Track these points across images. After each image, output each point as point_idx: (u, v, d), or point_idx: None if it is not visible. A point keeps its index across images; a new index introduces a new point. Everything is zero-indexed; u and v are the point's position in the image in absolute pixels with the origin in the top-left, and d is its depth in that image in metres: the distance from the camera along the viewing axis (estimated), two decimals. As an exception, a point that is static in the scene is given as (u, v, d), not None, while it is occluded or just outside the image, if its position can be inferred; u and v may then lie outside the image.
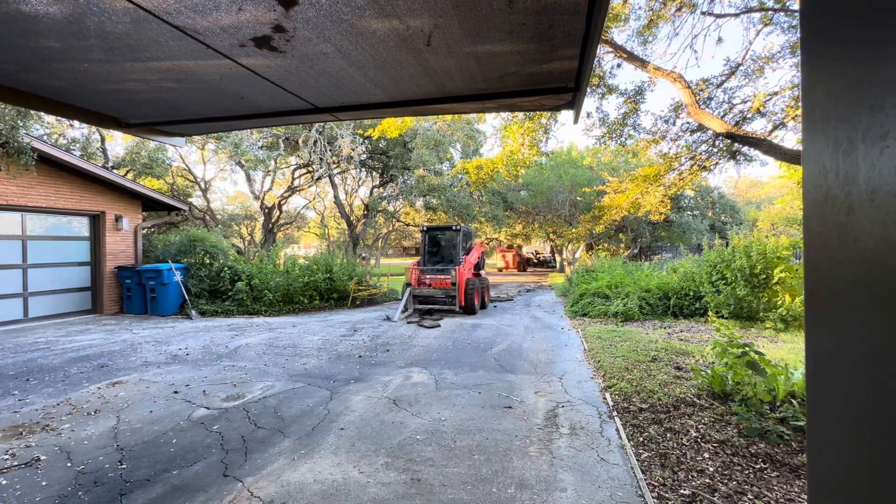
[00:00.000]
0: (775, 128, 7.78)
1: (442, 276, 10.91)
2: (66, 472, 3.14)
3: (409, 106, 2.88)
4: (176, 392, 4.83)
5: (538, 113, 9.41)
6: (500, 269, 31.08)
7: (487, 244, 42.22)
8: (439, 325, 9.16)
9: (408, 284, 10.98)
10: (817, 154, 0.82)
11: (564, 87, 2.52)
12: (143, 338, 7.85)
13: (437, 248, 12.05)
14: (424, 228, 12.16)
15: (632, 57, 8.19)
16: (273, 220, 22.31)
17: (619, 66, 8.91)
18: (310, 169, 20.72)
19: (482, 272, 12.56)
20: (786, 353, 6.21)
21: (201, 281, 11.42)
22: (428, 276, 11.08)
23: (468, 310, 10.70)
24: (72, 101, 2.79)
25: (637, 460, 3.28)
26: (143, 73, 2.36)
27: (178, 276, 10.79)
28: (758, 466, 3.16)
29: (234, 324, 9.43)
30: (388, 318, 9.94)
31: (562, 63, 2.22)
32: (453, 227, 11.62)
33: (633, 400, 4.48)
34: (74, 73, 2.33)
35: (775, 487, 2.89)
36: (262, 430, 3.85)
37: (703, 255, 10.55)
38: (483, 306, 11.79)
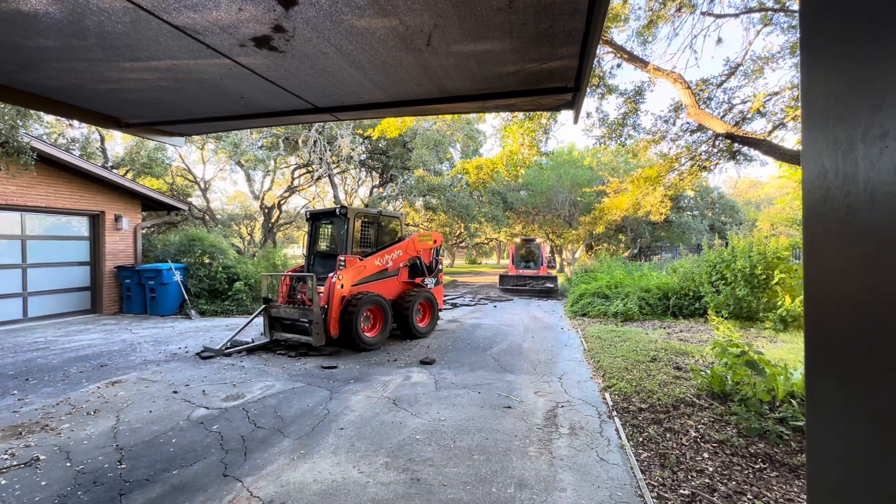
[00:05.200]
0: (775, 128, 7.79)
1: (303, 290, 7.27)
2: (66, 471, 3.14)
3: (409, 106, 2.88)
4: (175, 392, 4.83)
5: (538, 113, 9.41)
6: None
7: (487, 243, 41.13)
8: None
9: (266, 301, 7.10)
10: (817, 154, 0.82)
11: (564, 87, 2.52)
12: (142, 337, 7.84)
13: (331, 244, 8.17)
14: (308, 215, 8.33)
15: (632, 57, 8.20)
16: (273, 220, 22.30)
17: (618, 66, 8.92)
18: (309, 169, 20.71)
19: (427, 280, 8.47)
20: (785, 353, 6.22)
21: (201, 281, 11.41)
22: (308, 287, 7.16)
23: (345, 343, 6.68)
24: (71, 101, 2.79)
25: (636, 460, 3.28)
26: (142, 72, 2.35)
27: (177, 276, 10.78)
28: (757, 466, 3.16)
29: (234, 324, 9.42)
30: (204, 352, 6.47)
31: (562, 63, 2.22)
32: (337, 211, 7.54)
33: (633, 400, 4.48)
34: (74, 72, 2.33)
35: (775, 487, 2.89)
36: (262, 429, 3.85)
37: (702, 255, 10.55)
38: (414, 333, 7.62)
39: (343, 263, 6.97)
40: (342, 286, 6.76)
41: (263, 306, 7.13)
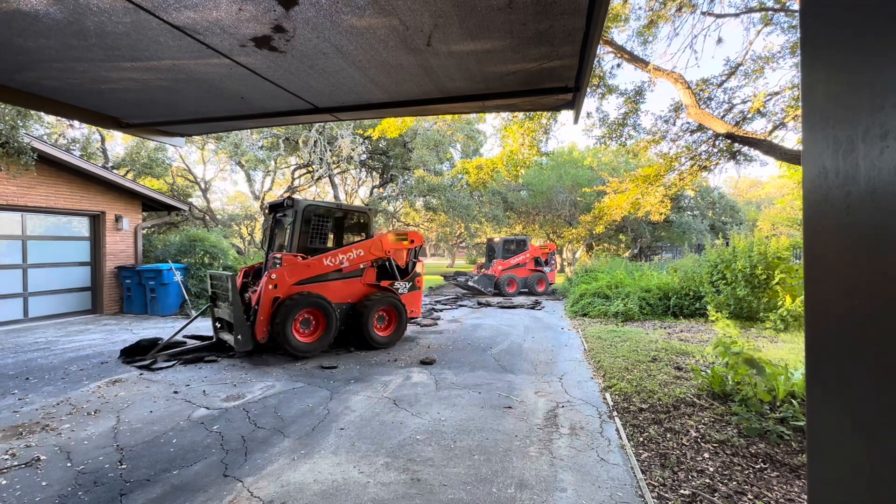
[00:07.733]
0: (775, 128, 7.79)
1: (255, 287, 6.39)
2: (66, 472, 3.14)
3: (410, 106, 2.88)
4: (176, 392, 4.83)
5: (538, 113, 9.41)
6: None
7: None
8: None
9: (213, 298, 6.52)
10: (817, 154, 0.82)
11: (564, 87, 2.52)
12: (143, 338, 7.84)
13: (287, 241, 7.20)
14: (267, 207, 7.59)
15: (632, 57, 8.20)
16: (273, 220, 22.26)
17: (619, 66, 8.92)
18: (310, 169, 20.71)
19: (399, 283, 7.52)
20: (786, 353, 6.21)
21: (201, 281, 11.41)
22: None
23: (277, 349, 6.18)
24: (72, 101, 2.79)
25: (637, 460, 3.28)
26: (142, 72, 2.36)
27: (178, 276, 10.78)
28: (758, 466, 3.15)
29: (234, 324, 9.42)
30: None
31: (562, 62, 2.22)
32: (285, 203, 6.95)
33: (633, 400, 4.47)
34: (74, 72, 2.33)
35: (775, 487, 2.89)
36: (262, 430, 3.85)
37: (703, 254, 10.55)
38: (369, 343, 6.72)
39: (279, 261, 6.18)
40: (275, 286, 6.05)
41: (208, 304, 6.58)
